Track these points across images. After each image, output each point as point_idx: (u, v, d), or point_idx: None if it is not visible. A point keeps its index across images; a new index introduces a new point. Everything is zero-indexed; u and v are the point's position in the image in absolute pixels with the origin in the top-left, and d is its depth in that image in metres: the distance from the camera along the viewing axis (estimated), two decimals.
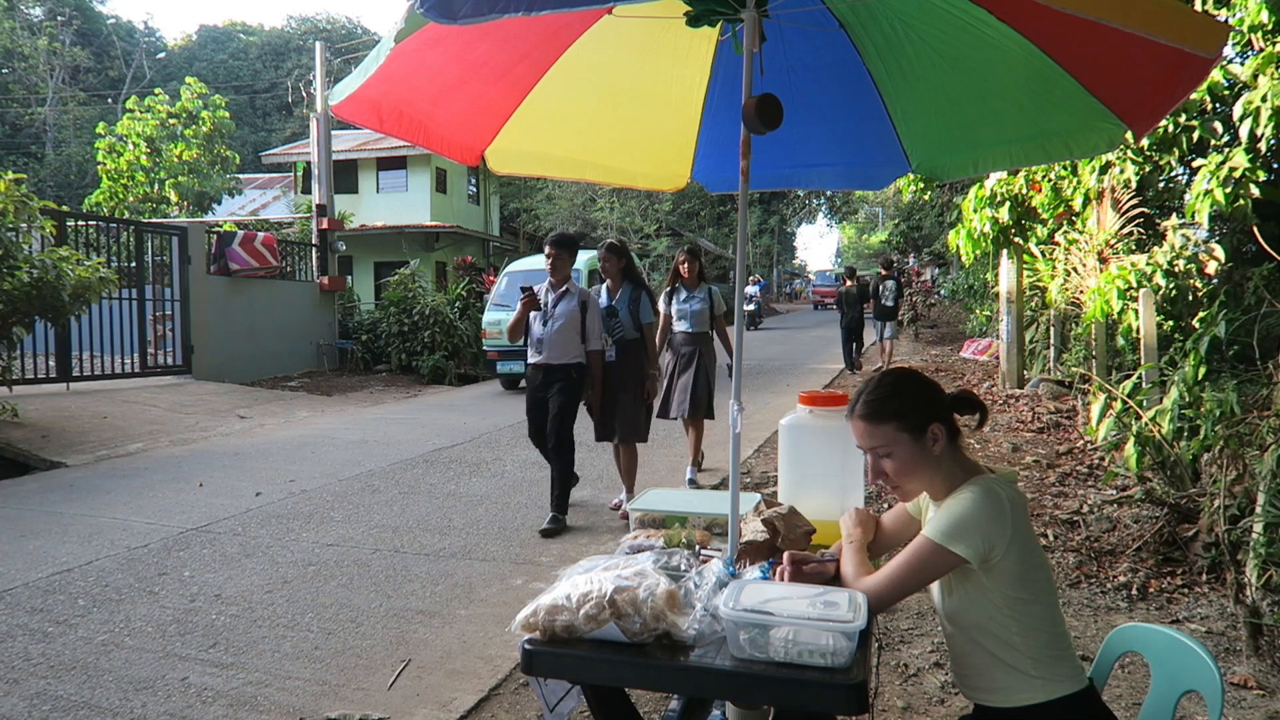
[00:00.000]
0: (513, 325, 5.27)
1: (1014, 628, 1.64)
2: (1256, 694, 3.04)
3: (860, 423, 1.74)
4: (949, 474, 1.73)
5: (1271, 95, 4.18)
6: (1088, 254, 7.97)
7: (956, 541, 1.61)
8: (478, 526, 5.35)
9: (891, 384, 1.76)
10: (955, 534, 1.61)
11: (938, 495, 1.76)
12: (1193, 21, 1.68)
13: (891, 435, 1.70)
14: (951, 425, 1.73)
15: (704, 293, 6.25)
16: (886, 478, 1.74)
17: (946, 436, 1.71)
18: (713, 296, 6.27)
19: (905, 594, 1.69)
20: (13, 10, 35.27)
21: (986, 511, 1.62)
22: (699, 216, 35.11)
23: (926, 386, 1.76)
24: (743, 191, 2.15)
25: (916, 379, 1.78)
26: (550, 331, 5.19)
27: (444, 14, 1.49)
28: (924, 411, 1.71)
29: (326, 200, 15.00)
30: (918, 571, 1.66)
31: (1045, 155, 2.58)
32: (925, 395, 1.74)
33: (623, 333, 5.44)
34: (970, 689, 1.76)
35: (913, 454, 1.70)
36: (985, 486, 1.65)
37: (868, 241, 62.91)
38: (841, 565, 1.85)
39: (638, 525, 2.32)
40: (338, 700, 3.15)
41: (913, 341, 19.42)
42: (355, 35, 45.83)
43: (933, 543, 1.63)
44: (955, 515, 1.63)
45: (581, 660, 1.63)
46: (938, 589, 1.73)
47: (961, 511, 1.63)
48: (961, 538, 1.61)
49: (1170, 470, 4.72)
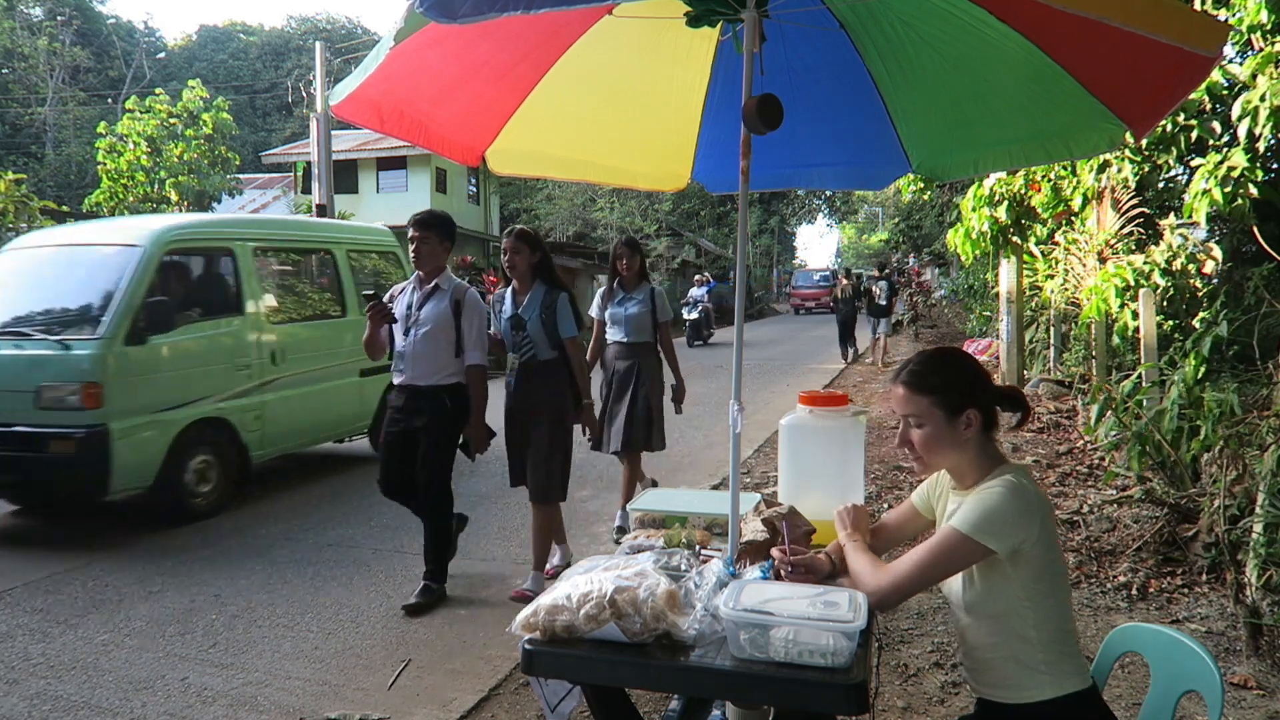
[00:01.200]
0: (367, 340, 3.99)
1: (1031, 620, 1.65)
2: (1256, 694, 3.04)
3: (901, 389, 1.76)
4: (976, 462, 1.73)
5: (1270, 95, 4.18)
6: (1087, 254, 7.97)
7: (987, 535, 1.61)
8: (478, 526, 5.35)
9: (940, 360, 1.78)
10: (986, 527, 1.61)
11: (963, 481, 1.77)
12: (1193, 21, 1.69)
13: (926, 408, 1.72)
14: (989, 416, 1.74)
15: (644, 294, 5.03)
16: (912, 447, 1.76)
17: (981, 425, 1.72)
18: (655, 299, 5.05)
19: (928, 584, 1.69)
20: (13, 10, 35.26)
21: (1016, 505, 1.63)
22: (699, 216, 35.11)
23: (973, 372, 1.77)
24: (743, 191, 2.15)
25: (966, 362, 1.79)
26: (414, 342, 3.93)
27: (444, 13, 1.49)
28: (963, 395, 1.72)
29: (326, 200, 15.00)
30: (944, 563, 1.65)
31: (1045, 155, 2.58)
32: (969, 380, 1.75)
33: (533, 351, 4.11)
34: (980, 684, 1.76)
35: (942, 432, 1.71)
36: (1015, 480, 1.66)
37: (868, 241, 62.90)
38: (849, 563, 1.83)
39: (638, 525, 2.32)
40: (338, 700, 3.15)
41: (912, 341, 19.42)
42: (355, 35, 45.83)
43: (961, 534, 1.62)
44: (986, 508, 1.63)
45: (581, 660, 1.63)
46: (959, 580, 1.73)
47: (992, 505, 1.63)
48: (993, 531, 1.61)
49: (1170, 470, 4.72)
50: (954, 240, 9.21)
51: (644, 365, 4.99)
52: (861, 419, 2.43)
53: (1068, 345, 9.44)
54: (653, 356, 5.09)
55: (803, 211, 47.01)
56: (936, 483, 1.94)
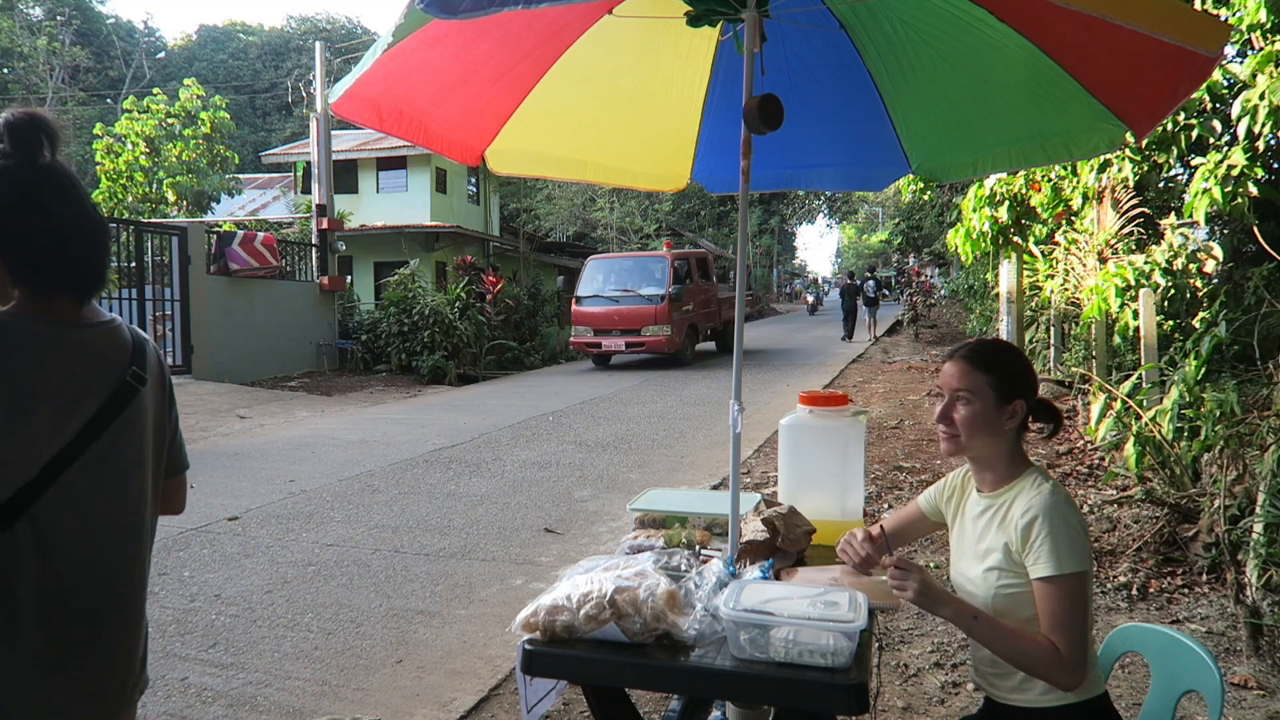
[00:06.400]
0: None
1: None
2: (1256, 694, 3.04)
3: (960, 363, 1.75)
4: (1008, 459, 1.74)
5: (1270, 94, 4.17)
6: (1087, 254, 7.97)
7: (1083, 560, 1.61)
8: (478, 526, 5.35)
9: (1002, 347, 1.80)
10: (1080, 554, 1.60)
11: (987, 478, 1.77)
12: (1194, 20, 1.68)
13: (981, 387, 1.71)
14: (1027, 415, 1.75)
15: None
16: (951, 424, 1.74)
17: (1020, 421, 1.73)
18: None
19: (1087, 633, 1.62)
20: (12, 10, 35.25)
21: (1079, 520, 1.64)
22: (699, 216, 35.13)
23: (1028, 369, 1.78)
24: (743, 192, 2.14)
25: (1023, 359, 1.81)
26: None
27: (444, 9, 1.48)
28: (1016, 385, 1.73)
29: (326, 200, 15.00)
30: (1083, 608, 1.61)
31: (1045, 156, 2.57)
32: (1023, 374, 1.76)
33: None
34: (993, 687, 1.75)
35: (989, 414, 1.71)
36: (1054, 495, 1.65)
37: (868, 241, 62.92)
38: (996, 639, 1.63)
39: (638, 525, 2.32)
40: (338, 700, 3.15)
41: (913, 341, 19.43)
42: (355, 35, 45.82)
43: (1067, 575, 1.59)
44: (1067, 539, 1.61)
45: (582, 660, 1.63)
46: (980, 586, 1.71)
47: (1068, 532, 1.61)
48: (1084, 554, 1.61)
49: (1170, 470, 4.72)
50: (954, 240, 9.21)
51: None
52: (861, 419, 2.42)
53: (1068, 345, 9.44)
54: None
55: (803, 211, 47.06)
56: (947, 485, 1.93)
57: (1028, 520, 1.63)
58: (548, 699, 1.93)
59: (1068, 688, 1.60)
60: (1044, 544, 1.60)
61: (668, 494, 2.57)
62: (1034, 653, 1.59)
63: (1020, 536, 1.64)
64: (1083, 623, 1.59)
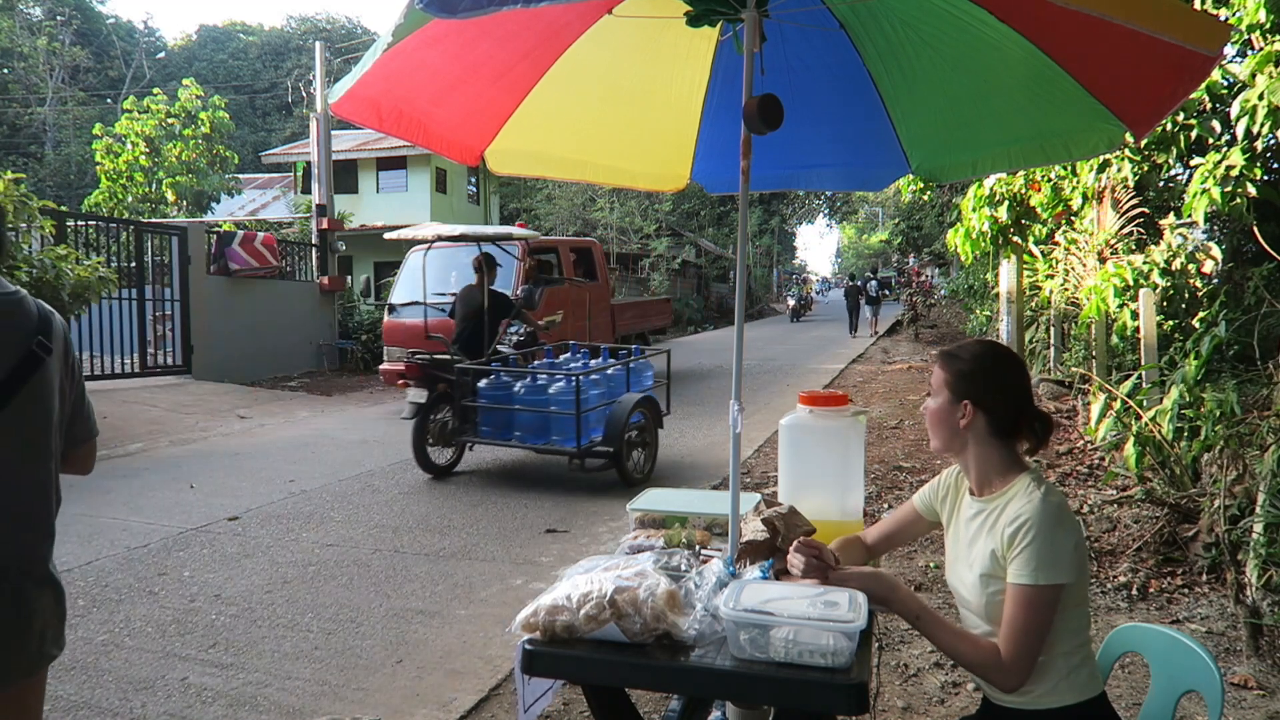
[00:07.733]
0: None
1: (1058, 628, 1.63)
2: (1256, 694, 3.04)
3: (937, 359, 1.85)
4: (1001, 460, 1.74)
5: (1269, 94, 4.17)
6: (1087, 254, 7.97)
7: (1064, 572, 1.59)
8: (478, 526, 5.35)
9: (972, 348, 1.81)
10: (1060, 567, 1.59)
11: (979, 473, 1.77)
12: (1194, 20, 1.68)
13: (939, 385, 1.79)
14: (1000, 422, 1.73)
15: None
16: (927, 413, 1.83)
17: (985, 426, 1.73)
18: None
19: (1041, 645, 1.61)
20: (12, 10, 35.25)
21: (1070, 532, 1.62)
22: (699, 216, 35.12)
23: (994, 372, 1.76)
24: (743, 192, 2.14)
25: (994, 362, 1.78)
26: None
27: (443, 9, 1.48)
28: (972, 385, 1.74)
29: (326, 200, 14.99)
30: (1043, 619, 1.60)
31: (1045, 157, 2.57)
32: (983, 376, 1.75)
33: None
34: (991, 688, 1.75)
35: (943, 411, 1.77)
36: (1045, 501, 1.63)
37: (868, 241, 62.89)
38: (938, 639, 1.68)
39: (638, 525, 2.32)
40: (338, 700, 3.15)
41: (913, 341, 19.43)
42: (355, 35, 45.81)
43: (1037, 587, 1.58)
44: (1050, 550, 1.59)
45: (581, 660, 1.63)
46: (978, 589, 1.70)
47: (1052, 544, 1.60)
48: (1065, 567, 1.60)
49: (1170, 470, 4.72)
50: (954, 240, 9.21)
51: None
52: (861, 419, 2.42)
53: (1068, 345, 9.44)
54: None
55: (803, 212, 47.05)
56: (940, 484, 1.93)
57: (1015, 527, 1.63)
58: (544, 699, 1.93)
59: (1005, 690, 1.64)
60: (1024, 552, 1.61)
61: (668, 494, 2.57)
62: (972, 654, 1.64)
63: (1006, 541, 1.64)
64: (1037, 633, 1.60)
